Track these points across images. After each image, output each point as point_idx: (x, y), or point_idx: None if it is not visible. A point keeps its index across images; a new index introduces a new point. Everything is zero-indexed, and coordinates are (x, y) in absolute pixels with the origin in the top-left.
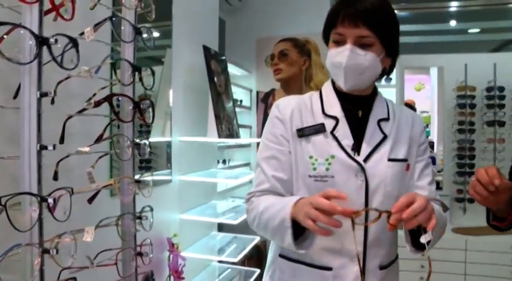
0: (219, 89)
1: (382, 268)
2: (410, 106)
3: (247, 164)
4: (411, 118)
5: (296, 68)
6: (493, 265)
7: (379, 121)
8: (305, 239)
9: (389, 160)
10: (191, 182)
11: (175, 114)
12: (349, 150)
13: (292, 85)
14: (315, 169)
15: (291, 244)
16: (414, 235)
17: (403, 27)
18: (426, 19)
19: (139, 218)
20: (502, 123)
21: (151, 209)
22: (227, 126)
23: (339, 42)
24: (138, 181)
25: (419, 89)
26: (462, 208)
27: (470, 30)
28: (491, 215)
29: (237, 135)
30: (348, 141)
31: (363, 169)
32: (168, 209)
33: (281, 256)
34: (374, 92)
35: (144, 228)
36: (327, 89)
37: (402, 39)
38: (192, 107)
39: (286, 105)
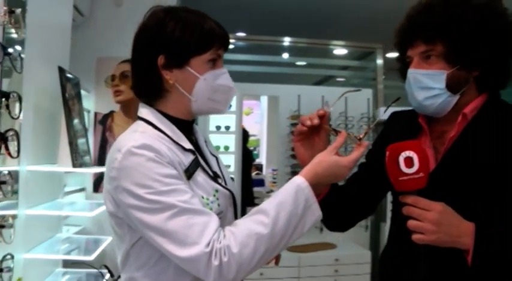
0: (73, 115)
1: None
2: (244, 130)
3: (82, 189)
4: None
5: None
6: (323, 277)
7: (205, 145)
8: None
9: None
10: (37, 216)
11: (25, 142)
12: (219, 180)
13: (133, 108)
14: (211, 208)
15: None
16: None
17: (241, 57)
18: (262, 50)
19: None
20: None
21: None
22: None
23: None
24: None
25: (248, 114)
26: None
27: (298, 63)
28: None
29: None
30: (209, 171)
31: (232, 195)
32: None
33: None
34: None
35: None
36: (161, 120)
37: (240, 68)
38: (43, 133)
39: (154, 143)
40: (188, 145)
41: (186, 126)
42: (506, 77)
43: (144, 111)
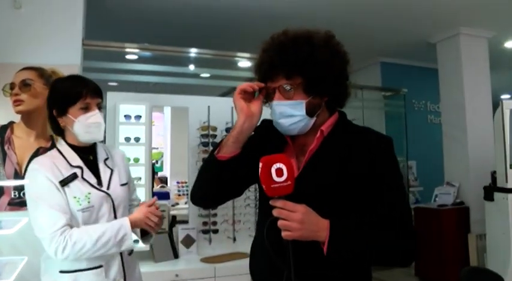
0: None
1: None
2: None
3: None
4: (120, 154)
5: (40, 100)
6: None
7: (104, 161)
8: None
9: (121, 185)
10: None
11: None
12: (96, 185)
13: (35, 119)
14: (80, 204)
15: (134, 244)
16: None
17: (148, 67)
18: (170, 62)
19: None
20: None
21: None
22: None
23: None
24: None
25: None
26: (207, 239)
27: (202, 75)
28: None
29: None
30: (93, 179)
31: (109, 195)
32: None
33: (62, 271)
34: (95, 143)
35: None
36: (63, 146)
37: (148, 79)
38: None
39: (44, 164)
40: (75, 163)
41: (84, 150)
42: (346, 99)
43: (59, 142)
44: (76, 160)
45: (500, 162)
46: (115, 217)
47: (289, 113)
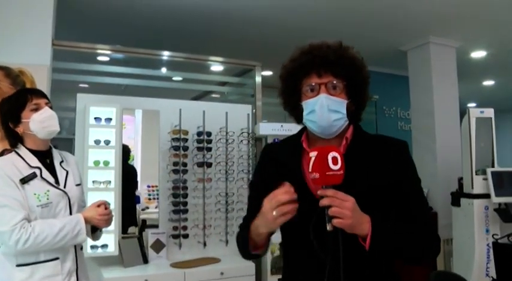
0: None
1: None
2: (127, 147)
3: None
4: (71, 156)
5: None
6: None
7: (60, 163)
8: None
9: (76, 185)
10: None
11: None
12: (54, 184)
13: None
14: (40, 200)
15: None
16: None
17: (118, 69)
18: (141, 64)
19: None
20: (209, 165)
21: None
22: None
23: None
24: None
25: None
26: (178, 244)
27: (174, 78)
28: (250, 247)
29: None
30: (51, 179)
31: (65, 193)
32: None
33: (19, 265)
34: (50, 148)
35: None
36: (22, 150)
37: (118, 81)
38: None
39: (3, 164)
40: (34, 164)
41: (41, 154)
42: (363, 111)
43: (18, 147)
44: (34, 161)
45: (466, 168)
46: (70, 214)
47: (336, 108)
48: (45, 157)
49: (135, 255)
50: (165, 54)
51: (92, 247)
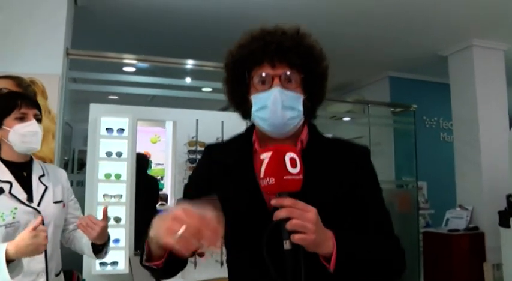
0: None
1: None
2: (145, 157)
3: None
4: (59, 171)
5: None
6: None
7: (39, 177)
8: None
9: (55, 202)
10: None
11: None
12: (25, 201)
13: None
14: (4, 219)
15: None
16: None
17: (141, 79)
18: (164, 73)
19: None
20: None
21: None
22: None
23: None
24: None
25: (155, 142)
26: (193, 262)
27: (203, 89)
28: (145, 255)
29: None
30: (22, 195)
31: (38, 211)
32: None
33: None
34: (31, 158)
35: None
36: None
37: (137, 91)
38: None
39: None
40: (4, 178)
41: (19, 165)
42: (317, 108)
43: None
44: (5, 175)
45: None
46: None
47: (292, 104)
48: (22, 169)
49: (147, 273)
50: (190, 63)
51: (101, 263)
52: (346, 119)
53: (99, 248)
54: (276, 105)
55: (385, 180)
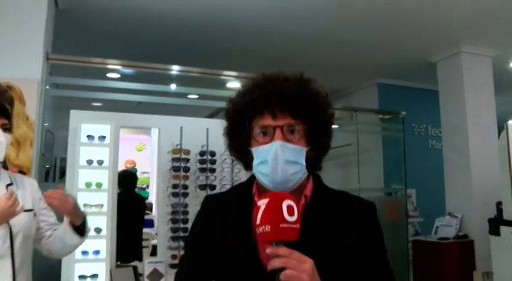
0: None
1: None
2: (133, 174)
3: None
4: (29, 180)
5: None
6: None
7: (6, 186)
8: None
9: (24, 210)
10: None
11: None
12: None
13: None
14: None
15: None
16: None
17: (125, 85)
18: (148, 79)
19: None
20: (213, 187)
21: None
22: None
23: None
24: None
25: (141, 150)
26: None
27: (189, 96)
28: None
29: None
30: None
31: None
32: None
33: None
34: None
35: None
36: None
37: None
38: None
39: None
40: None
41: None
42: (323, 159)
43: None
44: None
45: (506, 192)
46: (11, 244)
47: (294, 158)
48: None
49: None
50: (177, 69)
51: (81, 276)
52: (334, 126)
53: (80, 228)
54: (276, 160)
55: (373, 188)
